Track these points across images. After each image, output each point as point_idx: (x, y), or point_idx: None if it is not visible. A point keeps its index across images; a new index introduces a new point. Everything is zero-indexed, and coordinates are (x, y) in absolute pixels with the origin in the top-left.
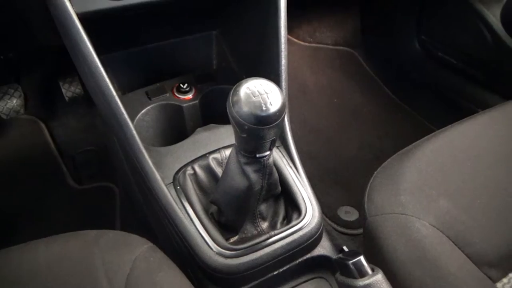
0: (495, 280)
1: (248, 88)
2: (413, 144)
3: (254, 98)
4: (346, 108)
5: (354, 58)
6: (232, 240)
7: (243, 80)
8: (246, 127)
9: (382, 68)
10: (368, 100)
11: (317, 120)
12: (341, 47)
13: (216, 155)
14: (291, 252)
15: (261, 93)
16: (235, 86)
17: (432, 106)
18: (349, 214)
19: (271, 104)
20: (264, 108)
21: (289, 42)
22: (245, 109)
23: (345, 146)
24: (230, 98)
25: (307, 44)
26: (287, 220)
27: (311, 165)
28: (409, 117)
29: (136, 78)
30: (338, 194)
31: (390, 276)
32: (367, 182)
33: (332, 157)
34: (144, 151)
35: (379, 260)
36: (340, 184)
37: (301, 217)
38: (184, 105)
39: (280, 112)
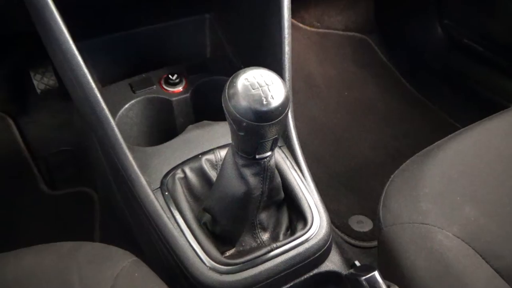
0: None
1: (247, 79)
2: (435, 144)
3: (253, 90)
4: (358, 102)
5: (367, 45)
6: (228, 253)
7: (241, 70)
8: (244, 124)
9: (399, 57)
10: (383, 94)
11: (325, 116)
12: (352, 33)
13: (210, 156)
14: (295, 267)
15: (261, 85)
16: (231, 77)
17: (457, 100)
18: (362, 224)
19: (272, 98)
20: (264, 102)
21: (293, 27)
22: (243, 103)
23: (357, 146)
24: (226, 91)
25: (313, 29)
26: (291, 230)
27: (318, 167)
28: (430, 113)
29: (119, 68)
30: (349, 201)
31: None
32: (383, 187)
33: (342, 159)
34: (127, 151)
35: (395, 276)
36: (351, 189)
37: (307, 228)
38: (174, 99)
39: (283, 106)
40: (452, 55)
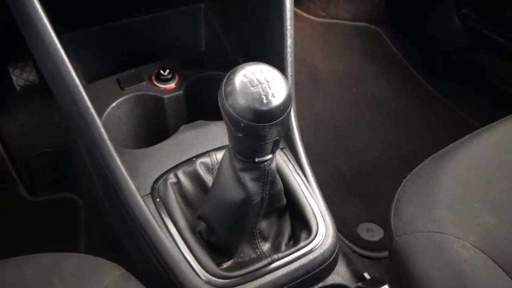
0: None
1: (245, 75)
2: (451, 145)
3: (252, 88)
4: (368, 99)
5: (377, 37)
6: (225, 265)
7: (239, 66)
8: (243, 125)
9: (413, 49)
10: (395, 90)
11: (331, 114)
12: (361, 23)
13: (205, 159)
14: (298, 280)
15: (261, 82)
16: (229, 73)
17: (475, 97)
18: (371, 232)
19: (273, 96)
20: (264, 101)
21: (296, 17)
22: (241, 102)
23: (366, 148)
24: (223, 88)
25: (319, 19)
26: (294, 240)
27: (323, 171)
28: (446, 111)
29: (106, 63)
30: (357, 208)
31: None
32: (394, 192)
33: (350, 161)
34: (115, 154)
35: None
36: (360, 195)
37: (312, 237)
38: (165, 96)
39: (285, 105)
40: (471, 47)
